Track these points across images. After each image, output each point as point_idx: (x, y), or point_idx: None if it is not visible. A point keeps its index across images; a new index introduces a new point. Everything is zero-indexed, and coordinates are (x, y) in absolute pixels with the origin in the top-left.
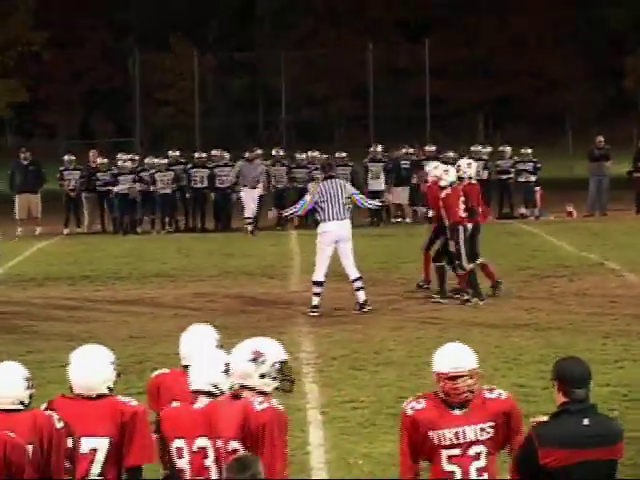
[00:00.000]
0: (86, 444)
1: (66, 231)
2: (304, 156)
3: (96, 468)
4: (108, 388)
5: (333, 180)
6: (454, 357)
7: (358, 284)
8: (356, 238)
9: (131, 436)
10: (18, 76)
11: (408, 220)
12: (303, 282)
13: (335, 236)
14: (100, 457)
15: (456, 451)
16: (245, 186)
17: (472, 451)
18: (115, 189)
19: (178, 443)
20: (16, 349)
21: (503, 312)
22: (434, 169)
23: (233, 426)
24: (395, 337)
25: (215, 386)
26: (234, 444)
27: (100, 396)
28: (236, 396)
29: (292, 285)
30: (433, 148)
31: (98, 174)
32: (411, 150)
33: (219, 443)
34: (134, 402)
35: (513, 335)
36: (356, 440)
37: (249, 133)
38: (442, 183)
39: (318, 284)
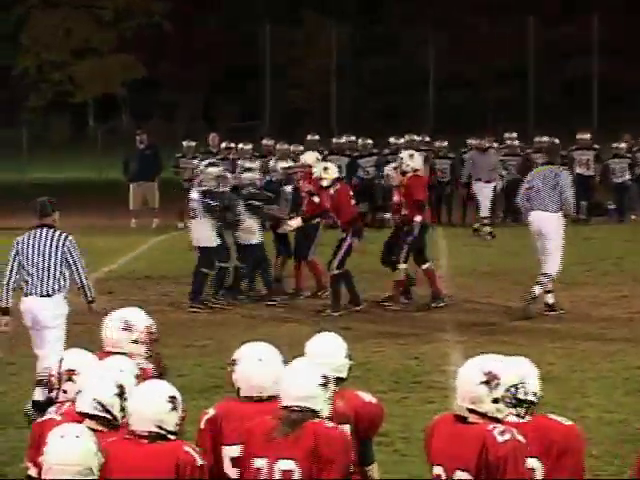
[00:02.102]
0: None
1: (180, 225)
2: (445, 144)
3: None
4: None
5: (550, 168)
6: None
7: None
8: None
9: None
10: (135, 51)
11: (582, 216)
12: (453, 285)
13: (535, 228)
14: None
15: None
16: (479, 180)
17: None
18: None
19: (437, 470)
20: None
21: None
22: (317, 168)
23: (468, 455)
24: (555, 350)
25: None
26: (463, 475)
27: (270, 397)
28: (462, 418)
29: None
30: (587, 136)
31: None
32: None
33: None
34: None
35: None
36: None
37: (388, 117)
38: (324, 183)
39: (544, 275)
